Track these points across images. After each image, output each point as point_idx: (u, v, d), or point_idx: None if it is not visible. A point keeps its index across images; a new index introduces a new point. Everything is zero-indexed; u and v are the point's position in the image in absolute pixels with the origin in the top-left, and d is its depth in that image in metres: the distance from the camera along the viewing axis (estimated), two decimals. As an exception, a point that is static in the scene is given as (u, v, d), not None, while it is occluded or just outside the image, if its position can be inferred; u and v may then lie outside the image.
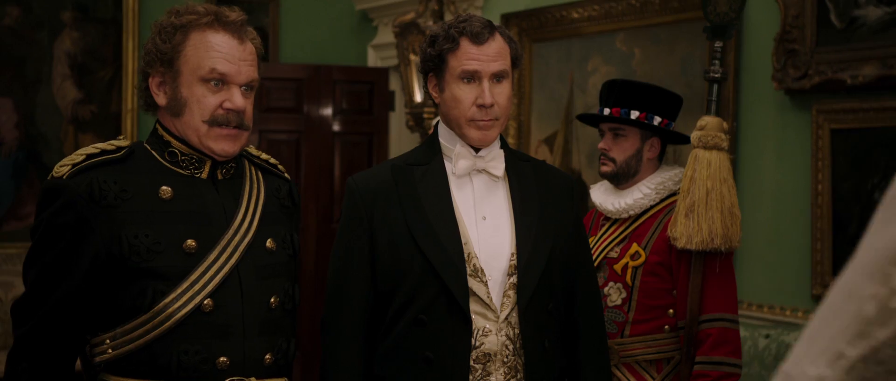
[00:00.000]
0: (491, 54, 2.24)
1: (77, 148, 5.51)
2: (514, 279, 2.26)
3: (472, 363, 2.21)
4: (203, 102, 2.04)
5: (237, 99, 2.06)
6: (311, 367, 5.98)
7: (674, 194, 2.84)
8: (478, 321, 2.22)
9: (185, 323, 1.99)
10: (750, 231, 4.02)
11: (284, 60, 6.23)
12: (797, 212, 3.91)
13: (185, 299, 1.99)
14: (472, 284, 2.23)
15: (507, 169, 2.34)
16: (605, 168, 2.86)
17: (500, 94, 2.27)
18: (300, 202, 2.37)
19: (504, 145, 2.38)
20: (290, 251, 2.21)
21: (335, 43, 6.40)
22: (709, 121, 2.80)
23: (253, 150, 2.32)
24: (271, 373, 2.12)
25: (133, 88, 5.65)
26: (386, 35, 6.09)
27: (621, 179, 2.86)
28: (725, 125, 2.83)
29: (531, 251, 2.26)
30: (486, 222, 2.29)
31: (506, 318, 2.24)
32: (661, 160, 2.90)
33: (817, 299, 3.83)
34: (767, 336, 3.79)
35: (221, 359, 2.02)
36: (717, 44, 2.87)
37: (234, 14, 2.10)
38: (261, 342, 2.09)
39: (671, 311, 2.78)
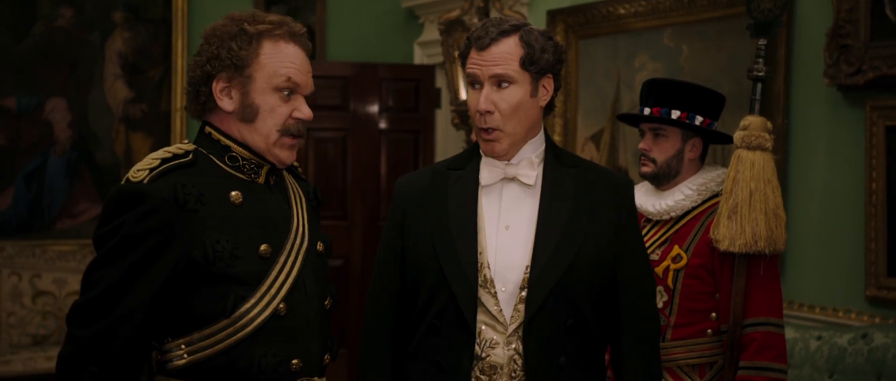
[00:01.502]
0: (489, 59, 2.19)
1: (127, 147, 5.72)
2: (525, 293, 2.20)
3: (478, 373, 2.19)
4: (277, 110, 2.08)
5: (306, 109, 2.12)
6: (357, 364, 6.00)
7: (716, 195, 2.78)
8: (487, 333, 2.19)
9: (264, 328, 2.02)
10: (801, 230, 3.94)
11: (331, 58, 6.25)
12: (850, 211, 3.82)
13: (263, 303, 2.03)
14: (482, 294, 2.20)
15: (544, 176, 2.26)
16: (645, 169, 2.81)
17: (501, 99, 2.20)
18: (323, 201, 2.40)
19: (549, 150, 2.30)
20: (329, 252, 2.27)
21: (381, 40, 6.40)
22: (752, 120, 2.73)
23: None
24: (325, 372, 2.19)
25: (182, 88, 5.72)
26: (432, 32, 6.08)
27: (662, 179, 2.81)
28: (769, 125, 2.76)
29: (545, 265, 2.18)
30: (508, 231, 2.23)
31: (515, 331, 2.19)
32: (703, 160, 2.84)
33: (871, 300, 3.74)
34: (819, 338, 3.71)
35: (294, 362, 2.07)
36: (761, 42, 2.79)
37: (298, 26, 2.16)
38: (319, 342, 2.15)
39: (714, 314, 2.72)
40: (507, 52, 2.19)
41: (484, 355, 2.19)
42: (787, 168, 4.01)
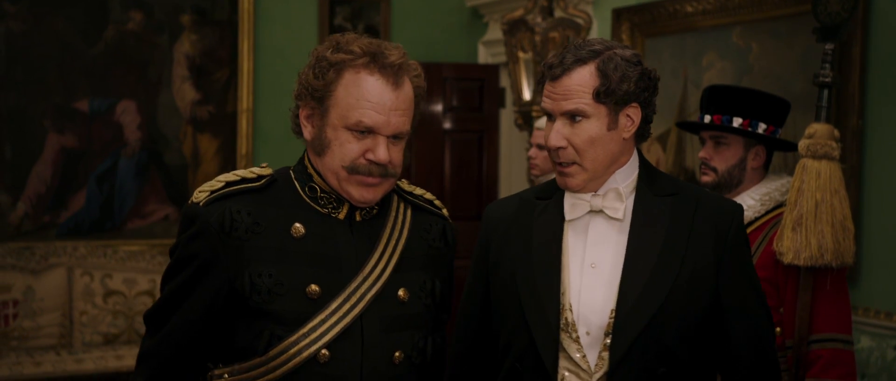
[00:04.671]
0: (561, 92, 2.01)
1: (195, 148, 5.80)
2: (610, 339, 1.99)
3: None
4: (346, 147, 1.92)
5: (381, 152, 1.91)
6: None
7: (780, 205, 2.68)
8: (570, 380, 2.02)
9: (299, 372, 1.89)
10: (878, 235, 3.80)
11: (396, 58, 6.24)
12: (930, 215, 3.66)
13: (300, 346, 1.89)
14: (563, 339, 2.02)
15: (635, 208, 2.05)
16: (706, 178, 2.73)
17: (574, 134, 2.00)
18: (455, 242, 2.16)
19: (643, 178, 2.09)
20: (427, 301, 2.04)
21: (445, 40, 6.37)
22: (818, 128, 2.63)
23: (406, 185, 2.16)
24: None
25: (248, 89, 5.79)
26: (496, 31, 6.03)
27: (724, 189, 2.72)
28: (837, 133, 2.65)
29: (631, 309, 1.97)
30: (594, 270, 2.03)
31: (600, 380, 2.00)
32: (767, 169, 2.74)
33: (952, 309, 3.58)
34: (896, 348, 3.57)
35: None
36: (828, 46, 2.67)
37: (396, 54, 1.93)
38: None
39: (778, 329, 2.63)
40: (579, 84, 1.99)
41: None
42: (863, 170, 3.86)
